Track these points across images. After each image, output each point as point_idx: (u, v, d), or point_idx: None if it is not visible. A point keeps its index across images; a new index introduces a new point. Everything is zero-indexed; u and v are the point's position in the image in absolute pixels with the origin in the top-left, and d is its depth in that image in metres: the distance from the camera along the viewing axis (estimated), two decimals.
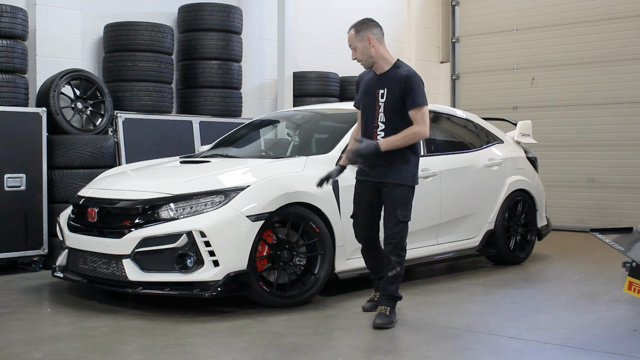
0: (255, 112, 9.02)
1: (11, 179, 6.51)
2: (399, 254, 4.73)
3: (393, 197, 4.72)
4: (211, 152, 6.42)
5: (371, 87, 4.79)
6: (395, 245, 4.70)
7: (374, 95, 4.76)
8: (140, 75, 7.61)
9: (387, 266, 4.76)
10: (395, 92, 4.67)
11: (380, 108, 4.72)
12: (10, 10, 6.69)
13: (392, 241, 4.71)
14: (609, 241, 4.43)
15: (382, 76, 4.75)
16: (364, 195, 4.89)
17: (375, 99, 4.74)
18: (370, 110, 4.77)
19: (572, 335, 4.51)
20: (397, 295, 4.81)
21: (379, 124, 4.72)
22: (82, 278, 5.35)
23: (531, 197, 7.29)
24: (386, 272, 4.75)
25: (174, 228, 4.90)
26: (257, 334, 4.48)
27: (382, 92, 4.71)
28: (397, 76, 4.69)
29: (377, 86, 4.75)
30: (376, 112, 4.73)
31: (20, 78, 6.82)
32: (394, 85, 4.68)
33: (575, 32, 10.20)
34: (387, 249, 4.73)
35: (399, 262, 4.72)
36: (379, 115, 4.72)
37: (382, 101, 4.70)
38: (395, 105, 4.68)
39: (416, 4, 11.36)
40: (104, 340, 4.34)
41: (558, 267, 7.22)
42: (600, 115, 10.00)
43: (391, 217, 4.72)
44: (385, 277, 4.77)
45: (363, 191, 4.89)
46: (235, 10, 8.42)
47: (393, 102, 4.68)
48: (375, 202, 4.85)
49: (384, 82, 4.73)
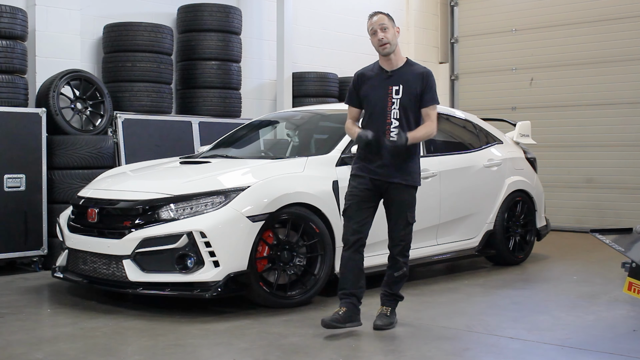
0: (254, 112, 9.03)
1: (11, 180, 6.51)
2: (406, 254, 4.71)
3: (403, 200, 4.64)
4: (211, 152, 6.43)
5: (381, 83, 4.65)
6: (403, 247, 4.68)
7: (385, 91, 4.63)
8: (140, 75, 7.61)
9: (392, 267, 4.71)
10: (413, 89, 4.59)
11: (394, 104, 4.59)
12: (9, 11, 6.69)
13: (401, 243, 4.67)
14: (608, 242, 4.43)
15: (395, 72, 4.65)
16: (362, 191, 4.63)
17: (388, 95, 4.61)
18: (380, 106, 4.62)
19: (571, 335, 4.52)
20: (400, 295, 4.79)
21: (392, 121, 4.58)
22: (82, 278, 5.36)
23: (530, 198, 7.30)
24: (391, 272, 4.71)
25: (174, 228, 4.91)
26: (258, 334, 4.49)
27: (397, 88, 4.60)
28: (416, 73, 4.64)
29: (390, 82, 4.63)
30: (388, 108, 4.60)
31: (20, 78, 6.82)
32: (412, 81, 4.60)
33: (574, 33, 10.22)
34: (395, 251, 4.69)
35: (405, 263, 4.71)
36: (393, 112, 4.59)
37: (397, 97, 4.59)
38: (412, 101, 4.60)
39: (415, 4, 11.37)
40: (105, 340, 4.35)
41: (557, 267, 7.23)
42: (599, 115, 10.01)
43: (400, 220, 4.65)
44: (390, 277, 4.72)
45: (361, 188, 4.63)
46: (234, 10, 8.43)
47: (409, 98, 4.59)
48: (373, 200, 4.66)
49: (398, 79, 4.62)
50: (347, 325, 4.49)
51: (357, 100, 4.78)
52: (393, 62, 4.66)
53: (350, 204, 4.64)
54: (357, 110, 4.80)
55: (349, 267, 4.59)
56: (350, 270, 4.59)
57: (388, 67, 4.67)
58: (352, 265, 4.59)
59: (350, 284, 4.59)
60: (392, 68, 4.67)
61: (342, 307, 4.54)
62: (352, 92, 4.82)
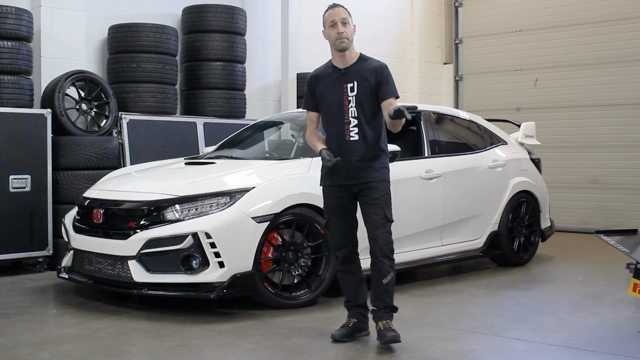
0: (259, 113, 9.04)
1: (16, 180, 6.53)
2: (389, 256, 4.31)
3: (378, 197, 4.33)
4: (216, 153, 6.44)
5: (335, 82, 4.42)
6: (385, 246, 4.31)
7: (340, 90, 4.39)
8: (145, 76, 7.62)
9: (378, 274, 4.31)
10: (367, 84, 4.35)
11: (350, 102, 4.35)
12: (15, 12, 6.70)
13: (381, 242, 4.30)
14: (613, 243, 4.44)
15: (349, 69, 4.40)
16: (336, 201, 4.42)
17: (343, 94, 4.37)
18: (337, 106, 4.38)
19: (576, 336, 4.52)
20: (395, 306, 4.38)
21: (350, 120, 4.35)
22: (88, 279, 5.37)
23: (535, 199, 7.29)
24: (379, 280, 4.30)
25: (179, 229, 4.92)
26: (263, 335, 4.50)
27: (352, 85, 4.36)
28: (369, 67, 4.40)
29: (344, 80, 4.39)
30: (345, 107, 4.36)
31: (25, 79, 6.84)
32: (366, 76, 4.36)
33: (579, 34, 10.20)
34: (378, 254, 4.30)
35: (392, 267, 4.31)
36: (350, 110, 4.35)
37: (353, 95, 4.35)
38: (367, 97, 4.35)
39: (419, 5, 11.37)
40: (110, 341, 4.36)
41: (562, 268, 7.23)
42: (603, 116, 10.00)
43: (377, 219, 4.31)
44: (379, 287, 4.31)
45: (335, 197, 4.42)
46: (239, 11, 8.44)
47: (365, 94, 4.35)
48: (350, 207, 4.43)
49: (351, 75, 4.39)
50: (357, 336, 4.43)
51: (315, 104, 4.54)
52: (347, 58, 4.43)
53: (329, 218, 4.47)
54: (317, 114, 4.56)
55: (347, 280, 4.49)
56: (349, 282, 4.48)
57: (341, 65, 4.43)
58: (349, 278, 4.48)
59: (352, 295, 4.48)
60: (346, 65, 4.43)
61: (351, 319, 4.45)
62: (308, 96, 4.58)
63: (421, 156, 6.33)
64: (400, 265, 5.84)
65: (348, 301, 4.51)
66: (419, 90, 11.11)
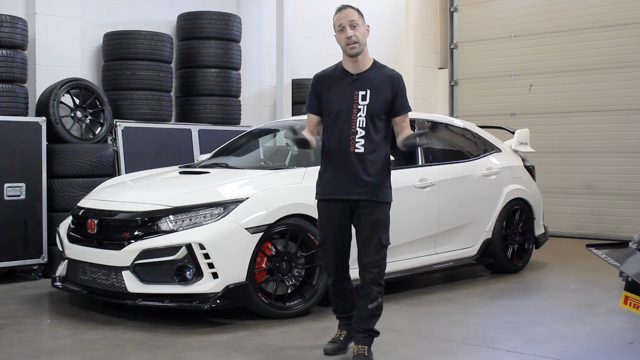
0: (254, 119, 9.06)
1: (11, 188, 6.54)
2: (380, 282, 4.15)
3: (376, 219, 4.11)
4: (210, 161, 6.44)
5: (345, 88, 4.15)
6: (377, 274, 4.12)
7: (350, 97, 4.13)
8: (140, 83, 7.62)
9: (365, 297, 4.14)
10: (382, 95, 4.11)
11: (360, 111, 4.09)
12: (9, 20, 6.71)
13: (373, 270, 4.11)
14: (604, 256, 4.45)
15: (362, 76, 4.15)
16: (333, 218, 4.21)
17: (353, 102, 4.11)
18: (345, 114, 4.12)
19: (567, 348, 4.54)
20: (376, 331, 4.24)
21: (357, 130, 4.08)
22: (82, 289, 5.39)
23: (529, 206, 7.32)
24: (364, 304, 4.14)
25: (173, 240, 4.94)
26: (256, 346, 4.51)
27: (364, 93, 4.11)
28: (385, 76, 4.16)
29: (356, 87, 4.13)
30: (353, 116, 4.09)
31: (20, 87, 6.84)
32: (381, 86, 4.12)
33: (573, 39, 10.24)
34: (367, 278, 4.12)
35: (380, 293, 4.16)
36: (358, 120, 4.08)
37: (364, 104, 4.10)
38: (380, 108, 4.11)
39: (414, 10, 11.39)
40: (104, 353, 4.37)
41: (555, 275, 7.25)
42: (597, 122, 10.04)
43: (373, 242, 4.11)
44: (364, 311, 4.16)
45: (332, 212, 4.21)
46: (234, 18, 8.45)
47: (379, 104, 4.11)
48: (345, 224, 4.23)
49: (364, 83, 4.13)
50: (349, 346, 4.40)
51: (318, 107, 4.26)
52: (360, 64, 4.16)
53: (324, 239, 4.27)
54: (318, 118, 4.27)
55: (338, 295, 4.40)
56: (341, 297, 4.39)
57: (353, 70, 4.17)
58: (341, 293, 4.38)
59: (342, 308, 4.42)
60: (358, 71, 4.16)
61: (342, 332, 4.42)
62: (312, 98, 4.28)
63: (415, 165, 6.35)
64: (394, 273, 5.88)
65: (338, 313, 4.48)
66: (414, 95, 11.12)
